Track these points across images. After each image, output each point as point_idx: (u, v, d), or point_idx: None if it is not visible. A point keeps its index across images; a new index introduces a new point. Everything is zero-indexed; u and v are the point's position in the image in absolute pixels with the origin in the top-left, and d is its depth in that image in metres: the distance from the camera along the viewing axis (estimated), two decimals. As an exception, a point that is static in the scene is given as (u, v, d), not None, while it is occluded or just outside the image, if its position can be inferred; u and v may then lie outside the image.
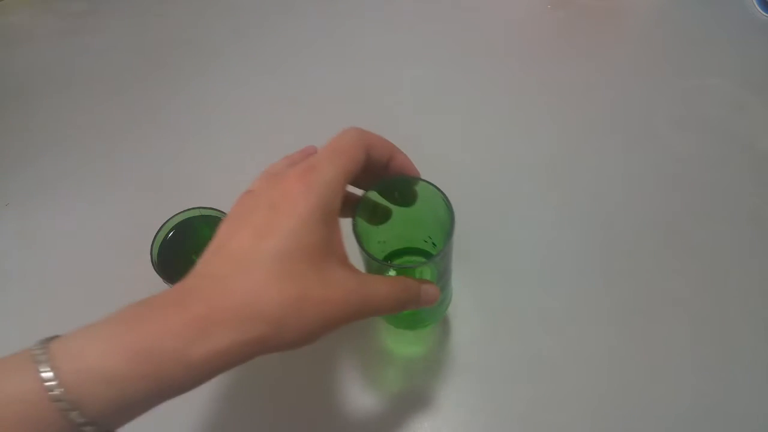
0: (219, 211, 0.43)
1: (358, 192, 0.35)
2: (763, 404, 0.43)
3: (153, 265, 0.40)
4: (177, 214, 0.42)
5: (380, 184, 0.35)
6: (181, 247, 0.43)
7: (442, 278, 0.38)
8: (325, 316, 0.28)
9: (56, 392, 0.23)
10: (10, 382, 0.24)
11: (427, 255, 0.43)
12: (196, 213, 0.43)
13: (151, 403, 0.26)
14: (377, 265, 0.34)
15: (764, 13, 0.70)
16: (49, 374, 0.24)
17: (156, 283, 0.40)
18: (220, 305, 0.26)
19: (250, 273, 0.27)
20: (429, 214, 0.37)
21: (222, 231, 0.30)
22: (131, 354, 0.25)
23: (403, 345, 0.46)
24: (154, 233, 0.41)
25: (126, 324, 0.26)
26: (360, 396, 0.43)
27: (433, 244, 0.42)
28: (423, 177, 0.36)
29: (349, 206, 0.34)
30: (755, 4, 0.71)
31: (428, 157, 0.56)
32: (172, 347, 0.25)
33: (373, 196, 0.35)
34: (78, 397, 0.24)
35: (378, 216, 0.37)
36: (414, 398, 0.43)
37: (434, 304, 0.34)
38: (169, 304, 0.26)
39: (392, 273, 0.34)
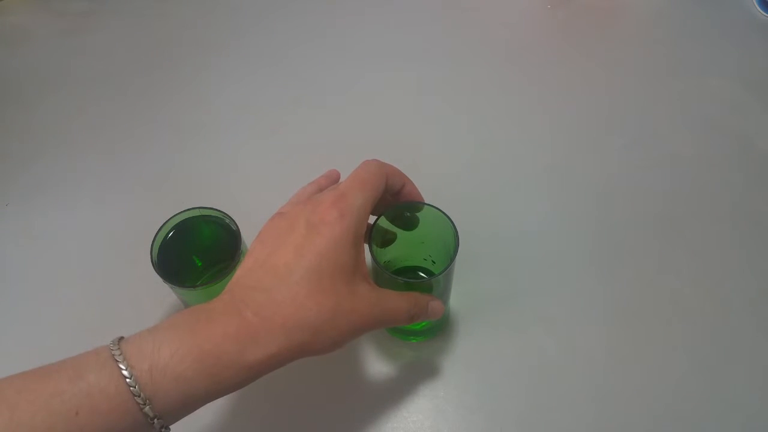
0: (219, 211, 0.43)
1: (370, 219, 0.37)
2: (763, 404, 0.43)
3: (153, 265, 0.40)
4: (177, 214, 0.42)
5: (390, 211, 0.39)
6: (181, 247, 0.43)
7: (444, 294, 0.41)
8: (354, 326, 0.31)
9: (135, 388, 0.26)
10: (93, 377, 0.26)
11: (426, 271, 0.46)
12: (196, 213, 0.43)
13: (206, 400, 0.28)
14: (389, 279, 0.37)
15: (764, 13, 0.70)
16: (128, 371, 0.26)
17: (156, 283, 0.40)
18: (269, 315, 0.29)
19: (293, 287, 0.30)
20: (431, 235, 0.41)
21: (259, 247, 0.33)
22: (198, 355, 0.27)
23: (404, 347, 0.46)
24: (154, 233, 0.41)
25: (190, 328, 0.29)
26: (360, 396, 0.44)
27: (433, 261, 0.45)
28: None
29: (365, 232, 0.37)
30: (755, 4, 0.71)
31: (427, 157, 0.56)
32: (231, 350, 0.28)
33: (384, 222, 0.39)
34: (152, 394, 0.26)
35: (388, 239, 0.41)
36: (414, 398, 0.43)
37: (439, 317, 0.38)
38: (226, 311, 0.30)
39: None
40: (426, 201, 0.39)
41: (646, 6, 0.73)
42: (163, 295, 0.46)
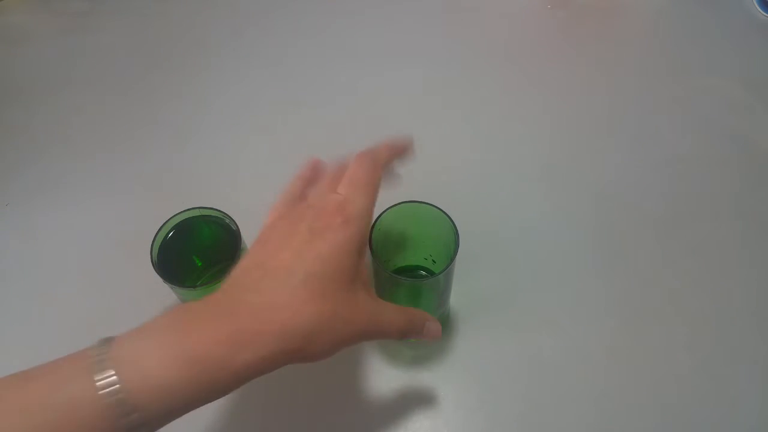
0: (219, 211, 0.43)
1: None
2: (763, 404, 0.43)
3: (153, 265, 0.40)
4: (177, 214, 0.42)
5: (391, 210, 0.38)
6: (181, 247, 0.43)
7: (444, 293, 0.41)
8: (349, 335, 0.31)
9: (120, 396, 0.25)
10: (75, 383, 0.25)
11: (426, 271, 0.46)
12: (196, 213, 0.43)
13: (195, 405, 0.28)
14: (389, 278, 0.37)
15: (764, 13, 0.70)
16: (112, 379, 0.25)
17: (156, 283, 0.40)
18: (264, 318, 0.28)
19: (291, 291, 0.29)
20: (431, 234, 0.41)
21: (258, 249, 0.32)
22: (185, 361, 0.26)
23: (404, 347, 0.46)
24: (154, 233, 0.41)
25: (178, 331, 0.28)
26: (359, 396, 0.44)
27: (433, 261, 0.45)
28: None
29: None
30: (755, 4, 0.71)
31: (427, 157, 0.56)
32: (220, 355, 0.27)
33: (385, 220, 0.39)
34: (137, 402, 0.25)
35: (388, 238, 0.41)
36: (414, 398, 0.43)
37: (438, 339, 0.37)
38: (217, 314, 0.29)
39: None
40: (426, 200, 0.39)
41: (646, 6, 0.73)
42: (163, 295, 0.46)
